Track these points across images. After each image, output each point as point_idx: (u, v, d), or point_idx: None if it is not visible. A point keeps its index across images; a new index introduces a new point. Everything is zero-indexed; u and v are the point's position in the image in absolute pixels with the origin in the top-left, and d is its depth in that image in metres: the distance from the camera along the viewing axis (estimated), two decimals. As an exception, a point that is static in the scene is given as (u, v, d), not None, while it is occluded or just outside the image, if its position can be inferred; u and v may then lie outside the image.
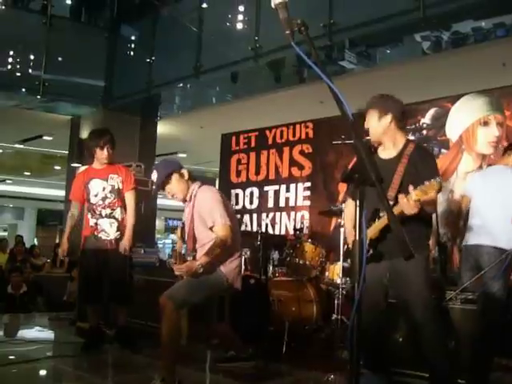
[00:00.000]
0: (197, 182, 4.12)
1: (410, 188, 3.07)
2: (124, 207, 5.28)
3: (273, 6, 1.70)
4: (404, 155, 3.43)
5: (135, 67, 9.99)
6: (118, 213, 5.23)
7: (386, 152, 3.54)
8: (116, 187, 5.26)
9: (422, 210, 3.17)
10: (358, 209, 1.42)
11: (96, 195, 5.21)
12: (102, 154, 5.23)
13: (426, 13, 6.04)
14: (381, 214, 3.26)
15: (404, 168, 3.37)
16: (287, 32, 1.64)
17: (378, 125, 3.51)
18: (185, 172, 4.07)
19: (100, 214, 5.19)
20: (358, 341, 1.46)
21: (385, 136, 3.51)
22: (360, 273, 1.35)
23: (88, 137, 5.49)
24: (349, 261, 3.78)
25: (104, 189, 5.23)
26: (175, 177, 4.02)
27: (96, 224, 5.19)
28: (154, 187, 4.09)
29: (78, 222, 5.37)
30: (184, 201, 4.10)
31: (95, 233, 5.19)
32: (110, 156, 5.28)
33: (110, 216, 5.21)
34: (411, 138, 6.48)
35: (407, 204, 3.06)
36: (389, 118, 3.49)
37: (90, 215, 5.22)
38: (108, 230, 5.19)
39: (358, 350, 1.45)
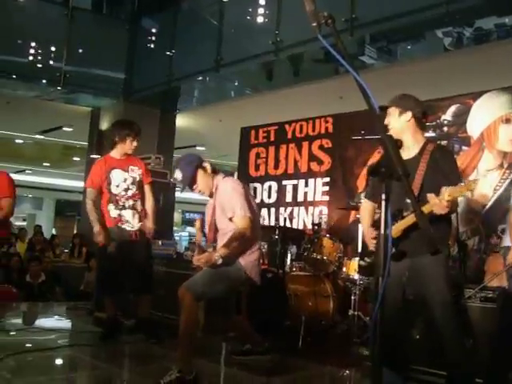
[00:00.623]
0: (220, 174, 4.11)
1: (443, 189, 3.08)
2: (143, 199, 5.31)
3: (299, -3, 1.69)
4: (424, 154, 3.41)
5: (155, 60, 10.02)
6: (138, 204, 5.26)
7: (406, 152, 3.49)
8: (137, 179, 5.29)
9: (451, 210, 3.18)
10: (383, 202, 1.42)
11: (118, 186, 5.22)
12: (130, 145, 5.25)
13: (449, 8, 5.99)
14: (404, 214, 3.27)
15: (425, 167, 3.36)
16: (314, 24, 1.63)
17: (397, 122, 3.49)
18: (207, 166, 4.07)
19: (123, 206, 5.20)
20: (380, 336, 1.46)
21: (404, 134, 3.47)
22: (384, 268, 1.35)
23: (118, 125, 5.44)
24: (366, 259, 3.73)
25: (125, 180, 5.25)
26: (200, 173, 4.02)
27: (119, 215, 5.19)
28: (180, 186, 4.09)
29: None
30: (211, 195, 4.10)
31: (119, 224, 5.20)
32: (136, 148, 5.33)
33: (132, 207, 5.23)
34: (431, 134, 6.45)
35: (439, 204, 3.06)
36: (409, 115, 3.47)
37: (112, 206, 5.21)
38: (132, 221, 5.21)
39: (380, 344, 1.44)
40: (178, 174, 4.00)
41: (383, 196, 1.42)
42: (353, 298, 5.45)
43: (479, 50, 6.88)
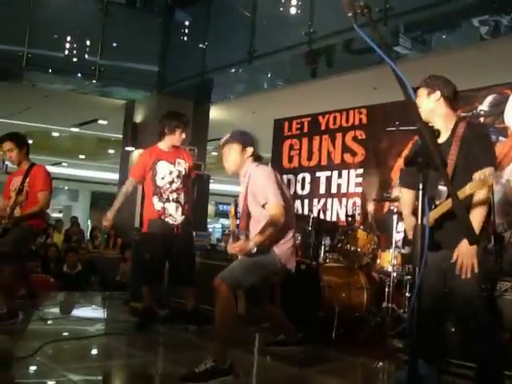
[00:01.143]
0: (254, 163, 4.11)
1: (475, 175, 2.94)
2: (187, 192, 5.35)
3: (335, -12, 1.69)
4: (455, 137, 3.26)
5: (189, 52, 10.06)
6: (182, 197, 5.29)
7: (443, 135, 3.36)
8: (183, 173, 5.32)
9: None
10: (420, 192, 1.41)
11: (163, 178, 5.25)
12: (179, 137, 5.29)
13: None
14: (437, 203, 3.15)
15: (457, 151, 3.20)
16: (349, 14, 1.63)
17: (426, 102, 3.40)
18: (248, 149, 4.07)
19: (167, 198, 5.23)
20: (417, 326, 1.46)
21: (434, 115, 3.37)
22: (422, 258, 1.35)
23: (167, 117, 5.42)
24: (407, 248, 3.70)
25: (171, 173, 5.28)
26: (235, 147, 4.04)
27: (163, 208, 5.23)
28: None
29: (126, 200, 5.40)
30: (235, 174, 4.11)
31: (162, 217, 5.24)
32: (184, 140, 5.39)
33: (176, 200, 5.26)
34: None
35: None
36: (438, 94, 3.38)
37: (156, 198, 5.23)
38: (175, 215, 5.24)
39: (416, 335, 1.44)
40: (226, 136, 4.08)
41: (420, 186, 1.41)
42: (387, 290, 5.42)
43: (516, 39, 6.74)
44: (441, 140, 3.29)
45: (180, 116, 5.40)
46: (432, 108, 3.38)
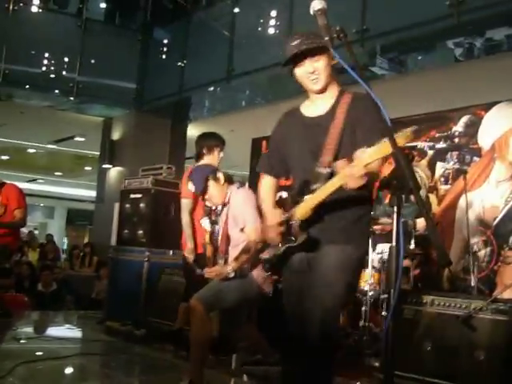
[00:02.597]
0: (235, 185, 4.13)
1: (358, 151, 2.35)
2: None
3: (312, 12, 1.71)
4: (339, 108, 2.63)
5: (167, 70, 10.08)
6: None
7: (314, 107, 2.78)
8: None
9: (369, 179, 2.40)
10: (395, 215, 1.43)
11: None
12: (218, 156, 5.11)
13: (461, 19, 5.99)
14: (314, 187, 2.52)
15: (341, 125, 2.58)
16: (326, 38, 1.65)
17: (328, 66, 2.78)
18: (220, 176, 4.08)
19: (215, 220, 5.09)
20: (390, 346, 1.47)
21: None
22: (396, 279, 1.36)
23: (204, 137, 5.27)
24: (270, 252, 2.82)
25: None
26: (212, 183, 4.04)
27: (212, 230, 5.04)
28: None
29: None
30: (224, 205, 4.11)
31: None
32: (221, 159, 5.23)
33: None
34: (443, 145, 6.45)
35: (353, 172, 2.25)
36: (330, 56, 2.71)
37: (207, 220, 5.08)
38: None
39: (391, 355, 1.45)
40: (191, 186, 4.05)
41: (395, 209, 1.43)
42: (364, 308, 5.43)
43: (490, 61, 6.87)
44: (319, 112, 2.73)
45: (216, 135, 5.26)
46: (328, 72, 2.71)
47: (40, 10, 9.74)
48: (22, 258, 11.47)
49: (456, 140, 6.39)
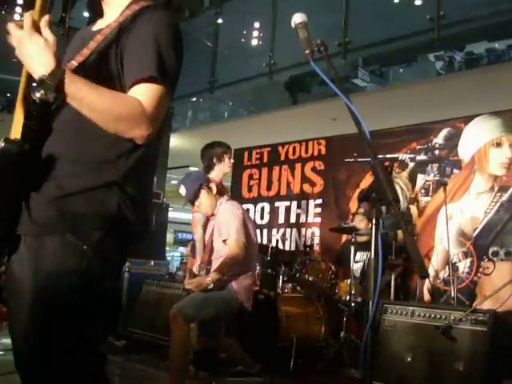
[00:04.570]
0: (224, 197, 4.16)
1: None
2: None
3: (293, 25, 1.73)
4: (112, 22, 1.84)
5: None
6: None
7: (101, 20, 1.99)
8: None
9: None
10: (374, 227, 1.45)
11: None
12: (229, 163, 4.99)
13: (441, 33, 6.08)
14: None
15: (97, 43, 1.80)
16: (307, 52, 1.67)
17: None
18: (213, 186, 4.11)
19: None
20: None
21: None
22: (375, 291, 1.37)
23: (209, 147, 5.12)
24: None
25: None
26: (204, 192, 4.06)
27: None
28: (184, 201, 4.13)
29: None
30: (212, 215, 4.13)
31: None
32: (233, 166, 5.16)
33: None
34: (423, 157, 6.51)
35: None
36: None
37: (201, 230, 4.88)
38: None
39: (370, 366, 1.46)
40: (182, 190, 4.06)
41: (373, 220, 1.44)
42: (344, 319, 5.45)
43: (470, 74, 6.98)
44: (99, 26, 1.94)
45: (221, 143, 5.11)
46: None
47: (22, 18, 9.70)
48: (1, 268, 11.34)
49: (436, 152, 6.46)
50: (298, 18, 1.73)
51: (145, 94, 1.70)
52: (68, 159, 1.71)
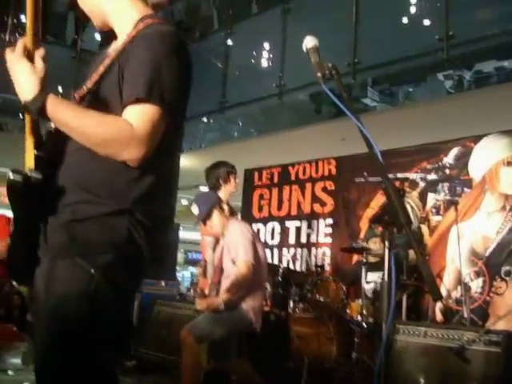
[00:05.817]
0: (236, 217, 4.19)
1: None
2: None
3: (304, 49, 1.75)
4: (120, 44, 1.86)
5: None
6: None
7: (116, 42, 1.98)
8: None
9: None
10: (387, 250, 1.45)
11: None
12: (235, 182, 4.96)
13: (450, 53, 6.10)
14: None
15: (104, 68, 1.85)
16: (318, 75, 1.69)
17: None
18: (225, 207, 4.13)
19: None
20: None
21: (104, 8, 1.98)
22: (388, 313, 1.37)
23: (214, 167, 5.05)
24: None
25: None
26: (216, 212, 4.08)
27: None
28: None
29: None
30: (221, 236, 4.15)
31: None
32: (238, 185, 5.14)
33: None
34: (434, 177, 6.50)
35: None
36: None
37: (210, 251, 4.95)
38: None
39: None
40: (195, 209, 4.08)
41: (387, 243, 1.45)
42: (356, 340, 5.41)
43: (480, 93, 6.97)
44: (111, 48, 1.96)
45: (226, 163, 5.06)
46: (93, 3, 2.00)
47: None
48: (12, 287, 11.35)
49: (447, 171, 6.45)
50: (309, 42, 1.75)
51: (134, 115, 1.70)
52: (80, 186, 1.75)
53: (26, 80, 1.72)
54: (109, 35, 2.02)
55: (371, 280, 5.80)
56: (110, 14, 1.96)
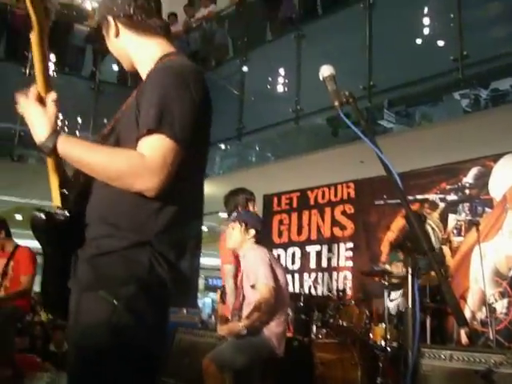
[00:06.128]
0: (253, 242, 4.18)
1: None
2: None
3: (321, 78, 1.77)
4: (142, 83, 1.96)
5: (178, 129, 10.22)
6: None
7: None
8: None
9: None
10: (410, 276, 1.44)
11: None
12: (253, 210, 4.95)
13: (465, 73, 6.10)
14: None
15: (126, 106, 2.00)
16: (336, 103, 1.71)
17: (110, 42, 2.11)
18: (251, 231, 4.15)
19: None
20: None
21: (129, 57, 2.10)
22: (414, 340, 1.36)
23: (233, 194, 5.07)
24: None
25: None
26: (238, 226, 4.12)
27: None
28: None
29: None
30: (234, 251, 4.19)
31: None
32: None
33: None
34: (453, 197, 6.45)
35: None
36: (110, 22, 2.04)
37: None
38: None
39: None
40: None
41: (410, 270, 1.44)
42: (381, 365, 5.35)
43: (497, 111, 6.93)
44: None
45: (245, 190, 5.09)
46: (119, 47, 2.09)
47: (54, 74, 10.00)
48: (35, 317, 11.41)
49: (467, 191, 6.42)
50: (326, 71, 1.77)
51: (146, 146, 1.73)
52: (103, 220, 1.81)
53: (38, 123, 1.85)
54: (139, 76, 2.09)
55: (394, 298, 5.75)
56: (134, 54, 2.06)
